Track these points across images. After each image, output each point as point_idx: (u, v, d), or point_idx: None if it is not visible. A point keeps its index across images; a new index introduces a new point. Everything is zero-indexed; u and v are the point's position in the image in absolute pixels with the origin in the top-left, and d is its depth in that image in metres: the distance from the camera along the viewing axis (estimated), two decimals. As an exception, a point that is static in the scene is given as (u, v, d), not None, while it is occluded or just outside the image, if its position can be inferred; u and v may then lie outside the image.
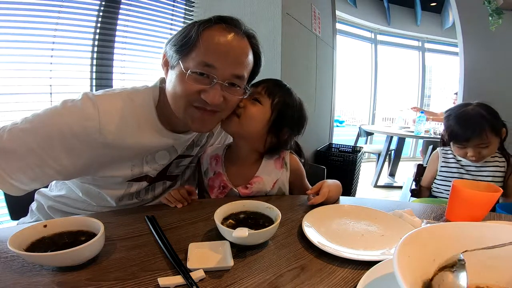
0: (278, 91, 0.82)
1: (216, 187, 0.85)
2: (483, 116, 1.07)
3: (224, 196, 0.85)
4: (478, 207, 0.69)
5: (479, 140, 1.07)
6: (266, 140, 0.83)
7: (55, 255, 0.44)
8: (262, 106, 0.79)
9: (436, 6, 4.90)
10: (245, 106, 0.78)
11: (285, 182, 0.88)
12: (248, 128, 0.79)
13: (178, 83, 0.65)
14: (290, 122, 0.83)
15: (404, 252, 0.32)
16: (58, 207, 0.83)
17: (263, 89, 0.80)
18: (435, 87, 5.81)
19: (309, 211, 0.69)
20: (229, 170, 0.87)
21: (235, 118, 0.78)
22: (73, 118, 0.63)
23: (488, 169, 1.15)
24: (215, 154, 0.89)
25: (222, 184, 0.85)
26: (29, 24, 1.30)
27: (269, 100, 0.80)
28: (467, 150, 1.11)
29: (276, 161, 0.87)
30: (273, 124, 0.81)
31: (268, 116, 0.80)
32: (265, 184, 0.85)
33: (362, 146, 2.72)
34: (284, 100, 0.81)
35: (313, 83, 2.27)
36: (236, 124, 0.78)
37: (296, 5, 1.86)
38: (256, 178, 0.84)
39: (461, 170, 1.19)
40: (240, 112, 0.78)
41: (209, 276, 0.46)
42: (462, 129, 1.10)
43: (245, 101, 0.78)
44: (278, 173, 0.86)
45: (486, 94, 2.50)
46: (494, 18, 2.31)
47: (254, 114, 0.78)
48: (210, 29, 0.64)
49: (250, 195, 0.84)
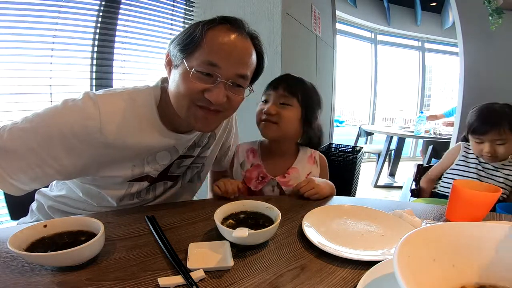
0: (296, 85, 0.90)
1: (254, 178, 0.93)
2: (504, 112, 1.11)
3: (262, 187, 0.92)
4: (478, 207, 0.69)
5: (496, 135, 1.09)
6: (303, 132, 0.93)
7: (55, 255, 0.44)
8: (292, 107, 0.88)
9: (436, 6, 4.90)
10: (278, 113, 0.86)
11: (316, 176, 0.94)
12: (288, 130, 0.89)
13: (182, 82, 0.65)
14: (315, 106, 0.94)
15: (404, 252, 0.32)
16: (58, 207, 0.82)
17: (285, 91, 0.88)
18: (435, 87, 5.81)
19: (309, 211, 0.69)
20: (267, 161, 0.95)
21: (273, 126, 0.87)
22: (74, 118, 0.62)
23: (505, 171, 1.17)
24: (251, 147, 0.98)
25: (261, 174, 0.92)
26: (29, 24, 1.30)
27: (294, 98, 0.88)
28: (484, 146, 1.13)
29: (310, 157, 0.98)
30: (305, 116, 0.90)
31: (300, 113, 0.89)
32: (300, 175, 0.93)
33: (362, 146, 2.72)
34: (305, 92, 0.91)
35: (313, 83, 2.26)
36: (277, 130, 0.87)
37: (296, 5, 1.86)
38: (292, 168, 0.93)
39: (479, 167, 1.21)
40: (276, 119, 0.86)
41: (209, 276, 0.46)
42: (481, 122, 1.13)
43: (274, 107, 0.87)
44: (311, 167, 0.96)
45: (486, 94, 2.50)
46: (494, 18, 2.31)
47: (290, 117, 0.88)
48: (214, 29, 0.64)
49: (288, 183, 0.91)
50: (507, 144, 1.10)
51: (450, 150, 1.33)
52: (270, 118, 0.87)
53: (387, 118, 6.65)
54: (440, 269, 0.35)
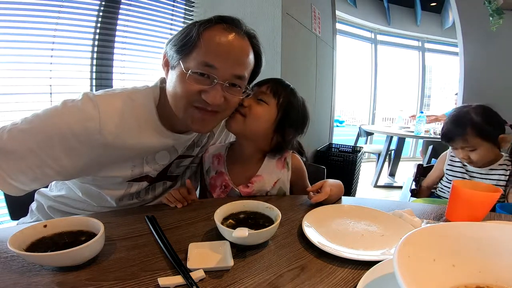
0: (283, 91, 0.82)
1: (218, 186, 0.86)
2: (470, 118, 1.05)
3: (225, 196, 0.85)
4: (478, 207, 0.69)
5: (462, 142, 1.06)
6: (272, 139, 0.84)
7: (55, 255, 0.44)
8: (268, 106, 0.80)
9: (436, 6, 4.90)
10: (250, 106, 0.78)
11: (286, 182, 0.88)
12: (254, 127, 0.79)
13: (179, 83, 0.65)
14: (295, 121, 0.84)
15: (404, 252, 0.32)
16: (58, 207, 0.83)
17: (268, 88, 0.81)
18: (435, 87, 5.81)
19: (309, 211, 0.69)
20: (231, 169, 0.87)
21: (240, 117, 0.78)
22: (73, 118, 0.62)
23: (493, 177, 1.11)
24: (218, 153, 0.89)
25: (224, 183, 0.85)
26: (29, 24, 1.30)
27: (274, 99, 0.81)
28: (458, 152, 1.11)
29: (278, 161, 0.88)
30: (278, 123, 0.82)
31: (274, 116, 0.81)
32: (266, 183, 0.85)
33: (362, 146, 2.72)
34: (289, 100, 0.82)
35: (313, 83, 2.27)
36: (242, 124, 0.78)
37: (296, 5, 1.86)
38: (257, 177, 0.85)
39: (465, 176, 1.17)
40: (246, 111, 0.78)
41: (209, 276, 0.46)
42: (448, 129, 1.11)
43: (249, 100, 0.78)
44: (279, 173, 0.87)
45: (486, 94, 2.50)
46: (494, 18, 2.31)
47: (260, 114, 0.79)
48: (210, 29, 0.64)
49: (251, 193, 0.84)
50: (478, 150, 1.05)
51: (439, 160, 1.30)
52: (239, 108, 0.77)
53: (387, 118, 6.65)
54: (440, 269, 0.35)
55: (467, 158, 1.09)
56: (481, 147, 1.05)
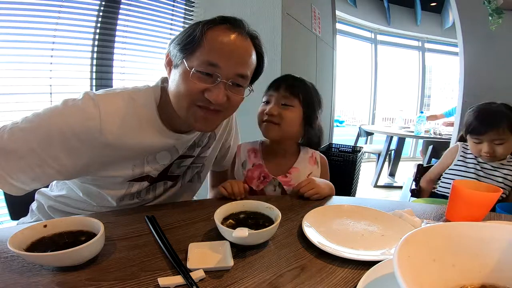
0: (298, 86, 0.90)
1: (255, 178, 0.93)
2: (503, 112, 1.10)
3: (264, 187, 0.92)
4: (478, 207, 0.69)
5: (495, 135, 1.09)
6: (304, 132, 0.93)
7: (55, 255, 0.44)
8: (294, 108, 0.88)
9: (436, 6, 4.90)
10: (280, 114, 0.86)
11: (317, 177, 0.94)
12: (289, 131, 0.89)
13: (182, 81, 0.65)
14: (316, 106, 0.93)
15: (404, 252, 0.32)
16: (58, 207, 0.82)
17: (286, 91, 0.88)
18: (435, 87, 5.81)
19: (309, 211, 0.69)
20: (268, 162, 0.94)
21: (275, 127, 0.87)
22: (74, 118, 0.62)
23: (503, 171, 1.16)
24: (252, 147, 0.98)
25: (262, 174, 0.92)
26: (29, 24, 1.30)
27: (295, 99, 0.88)
28: (482, 146, 1.13)
29: (310, 158, 0.97)
30: (306, 117, 0.90)
31: (301, 114, 0.89)
32: (301, 175, 0.92)
33: (362, 146, 2.72)
34: (307, 93, 0.91)
35: (312, 83, 2.26)
36: (279, 131, 0.87)
37: (296, 5, 1.86)
38: (294, 168, 0.93)
39: (477, 167, 1.20)
40: (278, 120, 0.86)
41: (209, 276, 0.46)
42: (480, 122, 1.13)
43: (275, 108, 0.87)
44: (311, 167, 0.96)
45: (486, 94, 2.50)
46: (494, 18, 2.31)
47: (292, 118, 0.87)
48: (214, 29, 0.65)
49: (289, 183, 0.91)
50: (506, 144, 1.10)
51: (448, 151, 1.33)
52: (271, 119, 0.87)
53: (387, 118, 6.65)
54: (440, 269, 0.35)
55: (492, 152, 1.12)
56: (509, 140, 1.10)
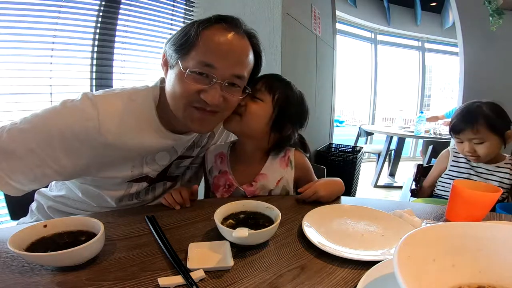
0: (278, 86, 0.81)
1: (221, 186, 0.85)
2: (481, 111, 1.08)
3: (229, 196, 0.85)
4: (478, 207, 0.69)
5: (470, 134, 1.07)
6: (270, 137, 0.82)
7: (55, 255, 0.44)
8: (264, 103, 0.79)
9: (436, 6, 4.89)
10: (246, 104, 0.77)
11: (290, 181, 0.88)
12: (250, 126, 0.79)
13: (177, 82, 0.65)
14: (293, 117, 0.83)
15: (404, 252, 0.32)
16: (58, 207, 0.82)
17: (263, 85, 0.79)
18: (435, 87, 5.81)
19: (309, 211, 0.69)
20: (235, 168, 0.87)
21: (236, 117, 0.77)
22: (72, 118, 0.62)
23: (499, 174, 1.13)
24: (220, 152, 0.89)
25: (228, 182, 0.85)
26: (29, 24, 1.30)
27: (269, 96, 0.79)
28: (464, 145, 1.12)
29: (281, 160, 0.87)
30: (275, 120, 0.80)
31: (270, 113, 0.79)
32: (269, 182, 0.85)
33: (362, 146, 2.72)
34: (285, 95, 0.80)
35: (313, 83, 2.26)
36: (238, 123, 0.78)
37: (296, 5, 1.86)
38: (260, 175, 0.85)
39: (471, 171, 1.18)
40: (242, 110, 0.77)
41: (209, 276, 0.46)
42: (458, 120, 1.12)
43: (245, 99, 0.77)
44: (282, 171, 0.87)
45: (486, 94, 2.49)
46: (494, 18, 2.31)
47: (256, 112, 0.78)
48: (209, 29, 0.64)
49: (255, 192, 0.84)
50: (486, 143, 1.07)
51: (440, 156, 1.30)
52: (236, 108, 0.76)
53: (387, 118, 6.65)
54: (440, 269, 0.35)
55: (472, 151, 1.10)
56: (489, 140, 1.07)
